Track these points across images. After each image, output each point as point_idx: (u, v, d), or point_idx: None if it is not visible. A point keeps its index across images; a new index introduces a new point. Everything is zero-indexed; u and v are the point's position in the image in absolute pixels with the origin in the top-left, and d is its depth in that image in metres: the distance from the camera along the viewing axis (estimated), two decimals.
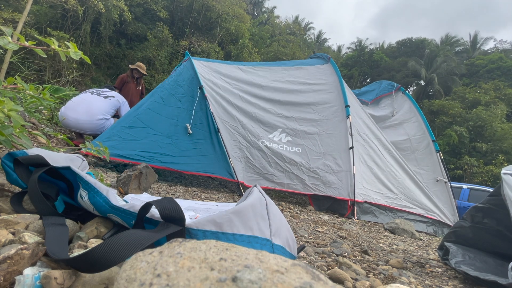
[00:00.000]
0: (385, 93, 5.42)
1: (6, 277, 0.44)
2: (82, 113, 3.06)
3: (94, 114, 3.11)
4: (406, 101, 5.27)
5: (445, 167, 4.45)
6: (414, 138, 4.82)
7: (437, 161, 4.52)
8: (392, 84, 5.50)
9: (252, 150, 3.30)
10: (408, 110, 5.14)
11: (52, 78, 10.78)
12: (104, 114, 3.19)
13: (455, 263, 1.41)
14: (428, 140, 4.76)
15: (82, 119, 3.04)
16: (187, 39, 18.15)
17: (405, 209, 3.49)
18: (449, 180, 4.33)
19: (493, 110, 18.82)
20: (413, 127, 4.93)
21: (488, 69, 25.22)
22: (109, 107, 3.28)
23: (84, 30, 15.22)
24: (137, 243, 0.48)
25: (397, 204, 3.46)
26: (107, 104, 3.28)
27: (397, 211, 3.42)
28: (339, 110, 3.75)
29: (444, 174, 4.38)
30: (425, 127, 4.87)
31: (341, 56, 34.88)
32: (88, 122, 3.07)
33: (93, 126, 3.11)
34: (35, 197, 0.71)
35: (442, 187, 4.26)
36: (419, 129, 4.91)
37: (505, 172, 1.43)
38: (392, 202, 3.44)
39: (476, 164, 16.31)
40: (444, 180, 4.31)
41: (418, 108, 5.14)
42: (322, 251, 1.32)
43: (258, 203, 0.69)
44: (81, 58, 1.12)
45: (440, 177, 4.35)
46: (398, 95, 5.36)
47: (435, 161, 4.54)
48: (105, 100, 3.31)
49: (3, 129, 0.93)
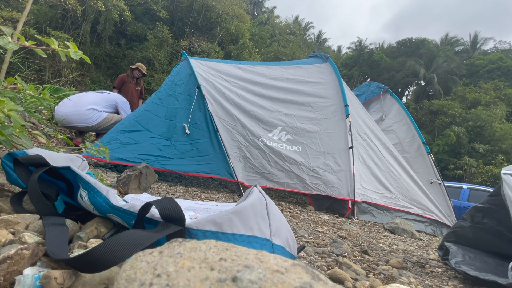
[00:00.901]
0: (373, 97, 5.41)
1: (6, 277, 0.45)
2: (70, 106, 3.03)
3: (81, 105, 3.08)
4: (394, 103, 5.26)
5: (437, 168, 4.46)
6: (404, 142, 4.81)
7: (430, 163, 4.52)
8: (380, 86, 5.49)
9: (251, 149, 3.29)
10: (397, 113, 5.14)
11: (52, 78, 10.78)
12: (92, 105, 3.14)
13: (455, 263, 1.41)
14: (419, 142, 4.76)
15: (69, 111, 3.01)
16: (187, 39, 18.15)
17: (403, 209, 3.49)
18: (443, 181, 4.33)
19: (492, 110, 18.82)
20: (402, 130, 4.93)
21: (488, 69, 25.23)
22: (100, 100, 3.24)
23: (84, 30, 15.22)
24: (137, 243, 0.48)
25: (395, 204, 3.46)
26: (99, 97, 3.26)
27: (394, 211, 3.43)
28: (339, 109, 3.74)
29: (437, 175, 4.38)
30: (415, 130, 4.87)
31: (341, 56, 34.88)
32: (74, 113, 3.03)
33: (80, 117, 3.06)
34: (35, 197, 0.71)
35: (437, 189, 4.26)
36: (409, 132, 4.90)
37: (505, 172, 1.43)
38: (390, 202, 3.44)
39: (475, 164, 16.32)
40: (438, 182, 4.31)
41: (406, 110, 5.14)
42: (322, 251, 1.32)
43: (258, 203, 0.69)
44: (81, 58, 1.12)
45: (434, 178, 4.35)
46: (386, 98, 5.35)
47: (428, 163, 4.54)
48: (97, 94, 3.30)
49: (3, 129, 0.93)
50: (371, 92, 5.48)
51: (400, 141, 4.81)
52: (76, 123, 3.10)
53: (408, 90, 31.03)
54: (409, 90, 30.84)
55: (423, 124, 21.25)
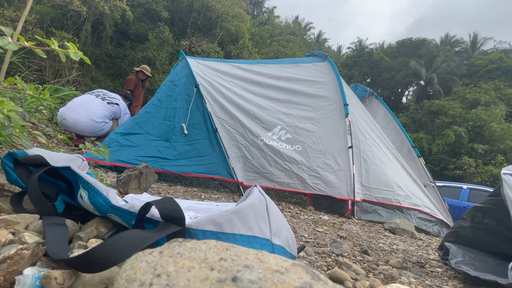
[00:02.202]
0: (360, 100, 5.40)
1: (6, 277, 0.45)
2: (82, 115, 3.05)
3: (94, 116, 3.10)
4: (380, 107, 5.23)
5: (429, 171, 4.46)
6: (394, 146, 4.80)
7: (421, 166, 4.51)
8: (366, 89, 5.45)
9: (251, 149, 3.28)
10: (384, 117, 5.10)
11: (52, 78, 10.77)
12: (103, 118, 3.19)
13: (455, 263, 1.41)
14: (408, 146, 4.74)
15: (81, 120, 3.03)
16: (187, 39, 18.14)
17: (416, 207, 3.43)
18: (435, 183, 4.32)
19: (492, 110, 18.82)
20: (391, 134, 4.86)
21: (488, 69, 25.22)
22: (109, 113, 3.28)
23: (86, 30, 15.22)
24: (137, 243, 0.48)
25: (408, 202, 3.39)
26: (108, 110, 3.28)
27: (407, 209, 3.36)
28: (338, 108, 3.73)
29: (430, 178, 4.38)
30: (403, 133, 4.85)
31: (341, 56, 34.87)
32: (87, 124, 3.06)
33: (93, 129, 3.11)
34: (35, 197, 0.71)
35: (432, 191, 4.24)
36: (398, 136, 4.88)
37: (505, 172, 1.43)
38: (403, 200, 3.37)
39: (475, 164, 16.32)
40: (432, 184, 4.30)
41: (393, 114, 5.12)
42: (322, 251, 1.32)
43: (258, 203, 0.69)
44: (81, 58, 1.12)
45: (427, 181, 4.35)
46: (372, 102, 5.32)
47: (419, 166, 4.52)
48: (107, 105, 3.30)
49: (3, 129, 0.93)
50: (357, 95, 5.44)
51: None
52: (88, 133, 3.15)
53: (408, 90, 31.05)
54: (409, 90, 30.84)
55: (423, 124, 21.25)
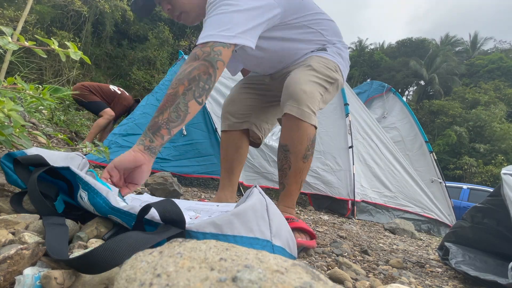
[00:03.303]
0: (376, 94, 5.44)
1: (6, 277, 0.45)
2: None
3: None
4: (397, 102, 5.29)
5: (439, 167, 4.47)
6: (407, 140, 4.84)
7: (431, 162, 4.54)
8: (383, 85, 5.51)
9: (250, 149, 3.28)
10: (400, 111, 5.17)
11: (52, 78, 10.77)
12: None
13: (455, 263, 1.41)
14: (421, 141, 4.79)
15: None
16: (187, 39, 18.15)
17: (401, 207, 3.50)
18: (444, 180, 4.34)
19: (492, 110, 18.83)
20: (405, 128, 4.96)
21: (488, 69, 25.23)
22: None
23: (86, 30, 15.23)
24: (137, 245, 0.48)
25: (394, 203, 3.47)
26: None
27: (393, 210, 3.43)
28: (338, 108, 3.73)
29: (438, 174, 4.39)
30: (417, 128, 4.89)
31: None
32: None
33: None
34: (35, 197, 0.70)
35: (438, 188, 4.27)
36: (412, 130, 4.93)
37: (505, 172, 1.43)
38: (389, 201, 3.44)
39: (475, 164, 16.32)
40: (439, 181, 4.32)
41: (410, 109, 5.16)
42: (322, 251, 1.31)
43: (258, 204, 0.68)
44: (81, 58, 1.12)
45: (435, 177, 4.37)
46: (389, 96, 5.38)
47: (429, 162, 4.56)
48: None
49: (3, 129, 0.93)
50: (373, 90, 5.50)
51: (403, 139, 4.83)
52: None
53: (408, 90, 31.05)
54: (409, 90, 30.85)
55: (424, 124, 21.25)
